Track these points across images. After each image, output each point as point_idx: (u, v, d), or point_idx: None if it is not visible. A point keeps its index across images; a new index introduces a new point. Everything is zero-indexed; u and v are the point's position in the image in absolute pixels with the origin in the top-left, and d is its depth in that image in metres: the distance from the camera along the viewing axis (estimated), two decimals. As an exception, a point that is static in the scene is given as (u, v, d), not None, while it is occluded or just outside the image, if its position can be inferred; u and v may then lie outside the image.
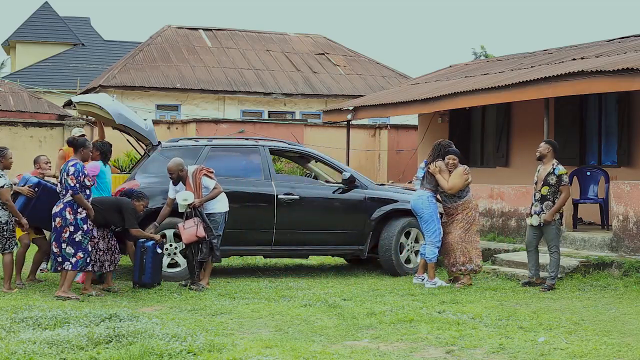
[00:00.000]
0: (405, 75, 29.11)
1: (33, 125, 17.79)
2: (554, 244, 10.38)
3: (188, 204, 10.09)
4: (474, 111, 17.17)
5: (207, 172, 10.35)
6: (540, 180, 10.49)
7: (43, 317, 7.71)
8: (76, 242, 9.30)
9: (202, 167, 10.43)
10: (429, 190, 10.80)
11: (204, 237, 10.08)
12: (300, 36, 31.10)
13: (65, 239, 9.30)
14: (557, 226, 10.48)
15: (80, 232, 9.30)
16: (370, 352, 6.80)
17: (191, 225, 10.04)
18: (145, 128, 11.50)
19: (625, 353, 6.85)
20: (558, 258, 10.43)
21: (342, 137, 19.44)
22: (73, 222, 9.29)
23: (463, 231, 10.71)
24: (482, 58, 37.06)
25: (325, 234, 11.65)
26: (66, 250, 9.31)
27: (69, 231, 9.28)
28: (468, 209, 10.74)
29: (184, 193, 10.17)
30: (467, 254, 10.70)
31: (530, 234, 10.60)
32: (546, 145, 10.60)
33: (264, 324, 8.08)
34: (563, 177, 10.40)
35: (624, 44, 15.27)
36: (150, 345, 6.61)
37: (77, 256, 9.30)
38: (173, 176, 10.28)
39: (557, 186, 10.38)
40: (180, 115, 25.41)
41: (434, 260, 10.70)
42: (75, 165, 9.35)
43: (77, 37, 42.06)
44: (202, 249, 10.13)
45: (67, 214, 9.29)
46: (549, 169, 10.47)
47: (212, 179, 10.33)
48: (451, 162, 10.70)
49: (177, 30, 29.45)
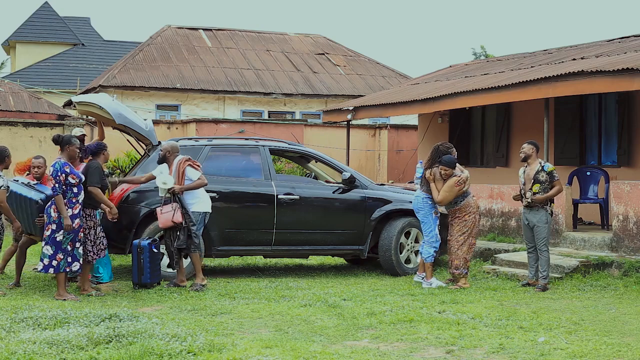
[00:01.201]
0: (405, 75, 29.11)
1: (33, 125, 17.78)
2: (544, 242, 10.38)
3: (167, 188, 10.05)
4: (474, 111, 17.17)
5: (192, 163, 10.29)
6: (530, 180, 10.50)
7: (43, 317, 7.71)
8: (56, 241, 9.17)
9: (188, 157, 10.38)
10: (426, 191, 10.80)
11: (181, 223, 10.01)
12: (300, 36, 31.10)
13: (47, 237, 9.21)
14: (548, 224, 10.45)
15: (62, 231, 9.17)
16: (370, 352, 6.80)
17: (168, 210, 9.98)
18: (145, 128, 11.49)
19: (625, 353, 6.85)
20: (548, 257, 10.43)
21: (342, 137, 19.45)
22: (56, 221, 9.16)
23: (460, 234, 10.71)
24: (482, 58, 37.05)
25: (325, 234, 11.65)
26: (44, 250, 9.19)
27: (51, 229, 9.18)
28: (467, 213, 10.70)
29: (164, 176, 10.11)
30: (462, 256, 10.70)
31: (527, 233, 10.61)
32: (529, 146, 10.60)
33: (264, 324, 8.08)
34: (554, 172, 10.44)
35: (624, 44, 15.27)
36: (150, 345, 6.61)
37: (57, 258, 9.18)
38: (160, 154, 10.32)
39: (548, 182, 10.40)
40: (180, 115, 25.41)
41: (429, 260, 10.70)
42: (54, 165, 9.16)
43: (77, 37, 42.06)
44: (180, 236, 10.05)
45: (52, 211, 9.19)
46: (537, 167, 10.48)
47: (197, 170, 10.28)
48: (443, 172, 10.61)
49: (177, 30, 29.46)
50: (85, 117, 18.16)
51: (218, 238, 11.09)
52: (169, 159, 10.27)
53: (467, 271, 10.79)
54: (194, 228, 10.10)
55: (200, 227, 10.31)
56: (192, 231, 10.08)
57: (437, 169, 10.65)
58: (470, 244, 10.78)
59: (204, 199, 10.36)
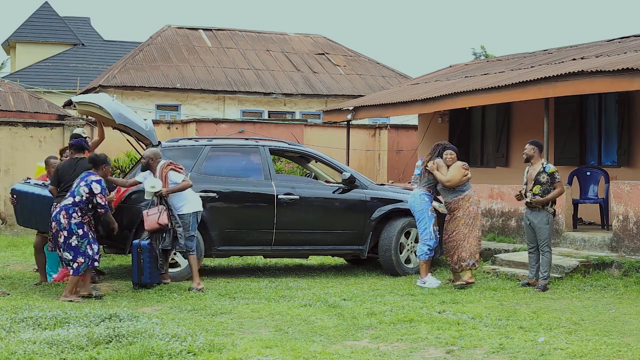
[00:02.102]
0: (405, 75, 29.11)
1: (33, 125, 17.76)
2: (546, 243, 10.38)
3: (155, 192, 10.07)
4: (474, 111, 17.17)
5: (174, 167, 10.30)
6: (531, 180, 10.51)
7: (43, 317, 7.71)
8: (73, 247, 9.22)
9: (170, 162, 10.38)
10: (424, 188, 10.83)
11: (166, 225, 10.01)
12: (300, 36, 31.10)
13: (61, 244, 9.26)
14: (550, 225, 10.45)
15: (75, 236, 9.22)
16: (370, 352, 6.80)
17: (154, 213, 9.99)
18: (145, 128, 11.49)
19: (625, 353, 6.85)
20: (550, 258, 10.43)
21: (342, 137, 19.44)
22: (67, 227, 9.22)
23: (465, 227, 10.68)
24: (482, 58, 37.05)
25: (325, 234, 11.65)
26: (64, 256, 9.28)
27: (63, 236, 9.24)
28: (469, 203, 10.71)
29: (152, 180, 10.13)
30: (469, 249, 10.68)
31: (529, 233, 10.61)
32: (531, 147, 10.61)
33: (264, 324, 8.08)
34: (555, 174, 10.43)
35: (624, 44, 15.27)
36: (150, 345, 6.61)
37: (77, 261, 9.23)
38: (143, 161, 10.36)
39: (549, 184, 10.39)
40: (180, 115, 25.40)
41: (422, 258, 10.73)
42: (100, 182, 9.37)
43: (77, 37, 42.05)
44: (165, 238, 10.07)
45: (62, 218, 9.24)
46: (539, 168, 10.48)
47: (180, 173, 10.28)
48: (449, 157, 10.72)
49: (177, 30, 29.45)
50: (85, 117, 18.14)
51: (218, 238, 11.09)
52: (152, 166, 10.28)
53: (475, 264, 10.74)
54: (180, 230, 10.11)
55: (194, 227, 10.30)
56: (178, 232, 10.09)
57: (439, 159, 10.69)
58: (477, 236, 10.73)
59: (192, 199, 10.35)
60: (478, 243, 10.78)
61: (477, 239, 10.76)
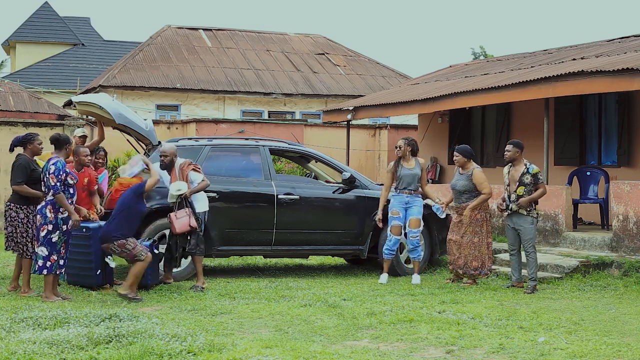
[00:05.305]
0: (405, 75, 29.12)
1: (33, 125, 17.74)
2: (531, 244, 10.30)
3: (180, 194, 10.06)
4: (474, 111, 17.17)
5: (195, 167, 10.30)
6: (515, 182, 10.42)
7: (43, 317, 7.71)
8: (52, 242, 9.10)
9: (190, 161, 10.37)
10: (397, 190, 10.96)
11: (196, 228, 10.04)
12: (300, 36, 31.11)
13: (42, 238, 9.11)
14: (534, 225, 10.39)
15: (59, 232, 9.11)
16: (370, 352, 6.80)
17: (184, 215, 9.97)
18: (145, 128, 11.49)
19: (625, 353, 6.85)
20: (535, 258, 10.35)
21: (342, 137, 19.45)
22: (53, 221, 9.10)
23: (474, 234, 10.60)
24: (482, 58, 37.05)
25: (325, 234, 11.64)
26: (39, 251, 9.11)
27: (46, 230, 9.09)
28: (480, 209, 10.65)
29: (177, 183, 10.08)
30: (480, 258, 10.61)
31: (510, 235, 10.53)
32: (514, 149, 10.49)
33: (264, 324, 8.08)
34: (538, 175, 10.36)
35: (624, 44, 15.27)
36: (150, 345, 6.61)
37: (50, 259, 9.11)
38: (166, 159, 10.20)
39: (533, 185, 10.32)
40: (180, 115, 25.41)
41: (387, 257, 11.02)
42: (56, 163, 9.16)
43: (77, 37, 42.07)
44: (191, 241, 10.09)
45: (48, 212, 9.11)
46: (522, 169, 10.40)
47: (199, 173, 10.28)
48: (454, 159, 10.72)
49: (177, 30, 29.47)
50: (85, 117, 18.15)
51: (218, 238, 11.09)
52: (172, 164, 10.23)
53: (488, 272, 10.69)
54: (202, 234, 10.17)
55: (203, 226, 10.33)
56: (201, 237, 10.16)
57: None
58: (486, 243, 10.65)
59: (202, 199, 10.38)
60: (489, 251, 10.70)
61: (488, 245, 10.69)
